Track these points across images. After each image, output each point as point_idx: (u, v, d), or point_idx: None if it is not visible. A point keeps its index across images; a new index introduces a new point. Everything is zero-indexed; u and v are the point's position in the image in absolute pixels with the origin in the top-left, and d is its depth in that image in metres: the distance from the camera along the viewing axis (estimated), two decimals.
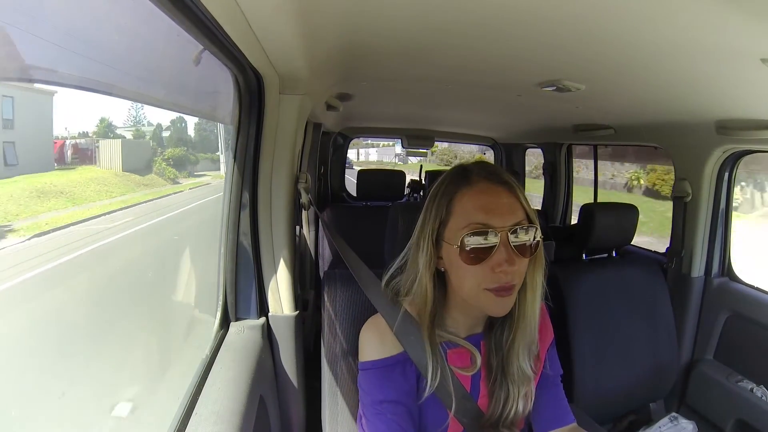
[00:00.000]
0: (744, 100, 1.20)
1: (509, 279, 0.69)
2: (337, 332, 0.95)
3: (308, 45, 0.88)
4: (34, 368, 0.75)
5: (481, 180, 0.73)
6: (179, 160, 1.68)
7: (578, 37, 0.86)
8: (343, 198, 3.42)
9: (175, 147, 1.70)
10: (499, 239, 0.69)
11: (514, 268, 0.69)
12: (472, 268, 0.70)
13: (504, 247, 0.69)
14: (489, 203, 0.71)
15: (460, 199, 0.73)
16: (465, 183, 0.73)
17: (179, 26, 0.65)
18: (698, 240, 1.73)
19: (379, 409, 0.77)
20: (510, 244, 0.69)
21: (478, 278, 0.70)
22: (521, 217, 0.71)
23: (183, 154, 1.72)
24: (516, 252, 0.69)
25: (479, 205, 0.71)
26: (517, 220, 0.70)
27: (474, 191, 0.72)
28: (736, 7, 0.64)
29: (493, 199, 0.71)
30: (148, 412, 0.95)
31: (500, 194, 0.72)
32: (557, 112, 1.88)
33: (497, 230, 0.69)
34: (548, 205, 2.95)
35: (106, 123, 1.18)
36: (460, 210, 0.72)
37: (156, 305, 1.24)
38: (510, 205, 0.71)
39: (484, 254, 0.69)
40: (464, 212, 0.72)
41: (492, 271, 0.69)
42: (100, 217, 1.10)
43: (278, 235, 1.13)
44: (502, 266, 0.68)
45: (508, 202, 0.71)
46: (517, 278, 0.71)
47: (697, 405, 1.70)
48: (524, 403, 0.80)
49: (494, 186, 0.72)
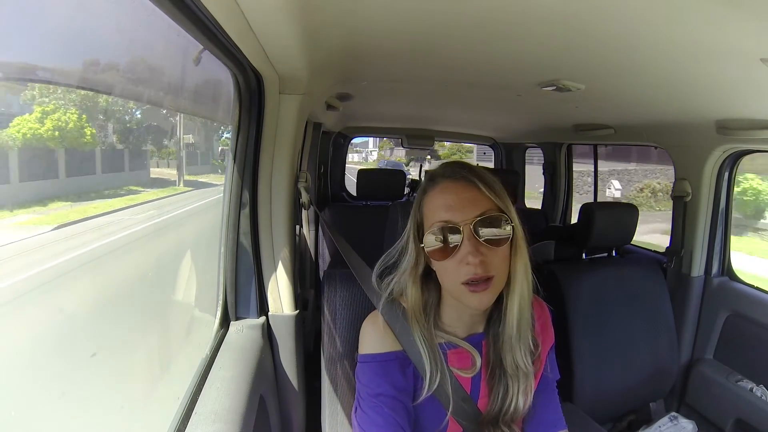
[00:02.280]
0: (744, 100, 1.20)
1: (481, 271, 0.70)
2: (336, 332, 0.95)
3: (308, 45, 0.88)
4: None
5: (444, 180, 0.77)
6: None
7: (578, 37, 0.86)
8: (343, 197, 3.42)
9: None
10: (463, 233, 0.71)
11: (482, 259, 0.70)
12: (444, 264, 0.73)
13: (468, 240, 0.71)
14: (448, 199, 0.74)
15: (427, 201, 0.77)
16: (431, 185, 0.78)
17: (179, 26, 0.65)
18: (698, 239, 1.73)
19: (376, 402, 0.77)
20: (475, 236, 0.71)
21: (452, 272, 0.73)
22: (486, 207, 0.72)
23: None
24: (484, 243, 0.71)
25: (440, 203, 0.74)
26: (479, 212, 0.72)
27: (436, 191, 0.76)
28: (736, 7, 0.64)
29: (453, 195, 0.74)
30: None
31: (459, 190, 0.74)
32: (557, 111, 1.88)
33: (459, 224, 0.71)
34: (548, 205, 2.95)
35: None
36: (428, 211, 0.77)
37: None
38: (472, 198, 0.73)
39: (452, 249, 0.72)
40: (430, 212, 0.76)
41: (461, 263, 0.71)
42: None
43: (278, 234, 1.14)
44: (468, 258, 0.70)
45: (470, 195, 0.73)
46: (492, 270, 0.72)
47: (697, 404, 1.70)
48: (524, 398, 0.80)
49: (454, 183, 0.75)
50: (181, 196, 1.44)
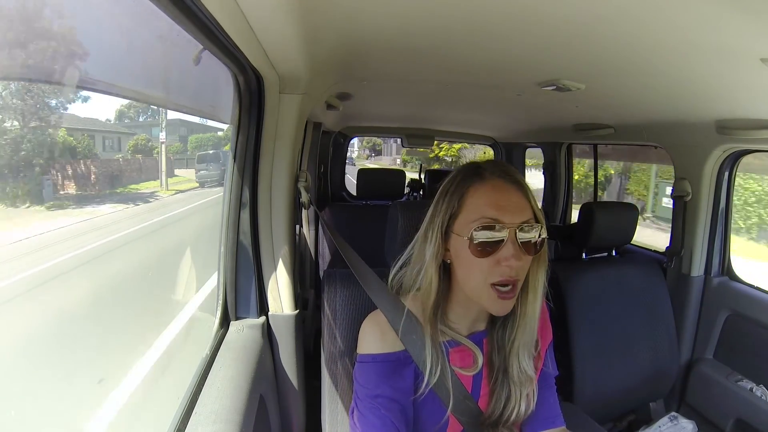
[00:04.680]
0: (744, 100, 1.20)
1: (513, 274, 0.72)
2: (336, 331, 0.95)
3: (308, 45, 0.88)
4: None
5: (494, 177, 0.76)
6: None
7: (578, 37, 0.86)
8: (343, 197, 3.41)
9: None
10: (508, 234, 0.72)
11: (520, 264, 0.72)
12: (479, 261, 0.73)
13: (512, 242, 0.72)
14: (500, 200, 0.74)
15: (473, 193, 0.76)
16: (478, 179, 0.76)
17: (179, 26, 0.65)
18: (698, 239, 1.73)
19: (374, 404, 0.77)
20: (517, 240, 0.72)
21: (484, 271, 0.73)
22: (529, 216, 0.74)
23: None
24: (522, 248, 0.72)
25: (491, 201, 0.74)
26: (525, 219, 0.73)
27: (487, 187, 0.75)
28: (736, 7, 0.64)
29: (505, 196, 0.74)
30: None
31: (511, 192, 0.75)
32: (557, 111, 1.88)
33: (506, 226, 0.72)
34: (548, 204, 2.95)
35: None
36: (472, 204, 0.75)
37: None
38: (519, 203, 0.74)
39: (492, 248, 0.72)
40: (476, 206, 0.74)
41: (498, 264, 0.72)
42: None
43: (278, 234, 1.14)
44: (509, 260, 0.71)
45: (518, 201, 0.74)
46: (520, 274, 0.74)
47: (697, 404, 1.70)
48: (526, 404, 0.80)
49: (506, 184, 0.75)
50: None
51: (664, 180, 6.78)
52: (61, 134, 0.99)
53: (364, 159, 21.29)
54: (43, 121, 0.88)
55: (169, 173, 1.48)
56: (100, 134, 1.21)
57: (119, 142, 1.29)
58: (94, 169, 1.14)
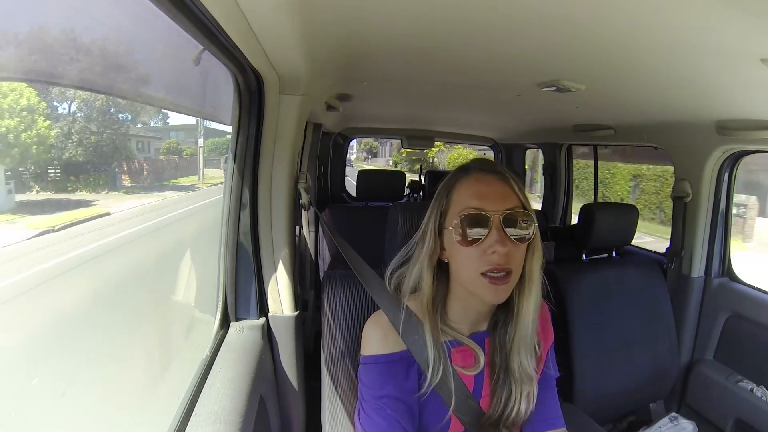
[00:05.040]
0: (744, 100, 1.20)
1: (502, 261, 0.72)
2: (336, 332, 0.95)
3: (308, 45, 0.88)
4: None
5: (476, 171, 0.79)
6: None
7: (578, 37, 0.86)
8: (343, 198, 3.41)
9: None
10: (492, 222, 0.73)
11: (506, 250, 0.72)
12: (467, 251, 0.74)
13: (496, 229, 0.73)
14: (481, 189, 0.76)
15: (458, 188, 0.79)
16: (463, 175, 0.80)
17: (179, 26, 0.65)
18: (698, 240, 1.73)
19: (379, 405, 0.77)
20: (502, 227, 0.73)
21: (473, 261, 0.74)
22: (514, 203, 0.75)
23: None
24: (509, 237, 0.73)
25: (473, 191, 0.76)
26: (509, 206, 0.74)
27: (469, 180, 0.78)
28: (736, 7, 0.64)
29: (486, 186, 0.77)
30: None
31: (492, 182, 0.77)
32: (557, 112, 1.88)
33: (490, 213, 0.73)
34: (548, 206, 2.95)
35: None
36: (457, 198, 0.78)
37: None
38: (502, 191, 0.76)
39: (478, 236, 0.73)
40: (460, 199, 0.77)
41: (485, 252, 0.73)
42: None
43: (278, 235, 1.14)
44: (494, 247, 0.72)
45: (501, 189, 0.76)
46: (512, 264, 0.73)
47: (697, 405, 1.70)
48: (526, 403, 0.80)
49: (487, 175, 0.78)
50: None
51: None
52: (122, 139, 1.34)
53: (362, 161, 21.55)
54: (113, 129, 1.23)
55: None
56: (147, 139, 1.57)
57: (152, 145, 1.62)
58: (147, 166, 1.52)
